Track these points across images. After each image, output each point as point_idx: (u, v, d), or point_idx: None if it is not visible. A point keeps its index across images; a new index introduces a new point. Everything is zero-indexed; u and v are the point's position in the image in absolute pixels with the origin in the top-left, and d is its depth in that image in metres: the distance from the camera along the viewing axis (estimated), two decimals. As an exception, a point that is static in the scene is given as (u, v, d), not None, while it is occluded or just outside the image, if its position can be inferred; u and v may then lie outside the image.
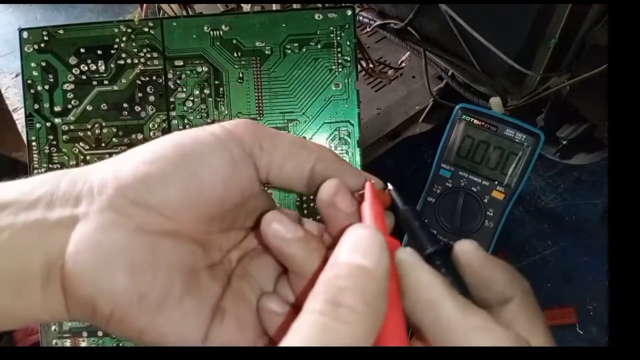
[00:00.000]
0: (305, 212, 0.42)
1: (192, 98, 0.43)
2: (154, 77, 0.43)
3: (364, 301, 0.17)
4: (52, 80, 0.43)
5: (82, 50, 0.43)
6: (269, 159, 0.23)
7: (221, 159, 0.22)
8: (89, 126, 0.43)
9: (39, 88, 0.43)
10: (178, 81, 0.43)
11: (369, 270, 0.18)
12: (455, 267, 0.22)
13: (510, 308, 0.20)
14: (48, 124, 0.43)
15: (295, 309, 0.23)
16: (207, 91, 0.43)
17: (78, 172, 0.22)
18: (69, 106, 0.43)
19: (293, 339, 0.17)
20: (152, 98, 0.43)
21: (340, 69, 0.42)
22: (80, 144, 0.43)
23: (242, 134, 0.23)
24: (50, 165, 0.44)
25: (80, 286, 0.20)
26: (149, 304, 0.20)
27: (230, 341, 0.23)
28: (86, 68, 0.43)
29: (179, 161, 0.22)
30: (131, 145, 0.43)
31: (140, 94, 0.43)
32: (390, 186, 0.25)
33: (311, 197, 0.25)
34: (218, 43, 0.43)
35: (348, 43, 0.42)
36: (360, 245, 0.19)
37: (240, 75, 0.43)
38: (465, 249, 0.22)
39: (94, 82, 0.43)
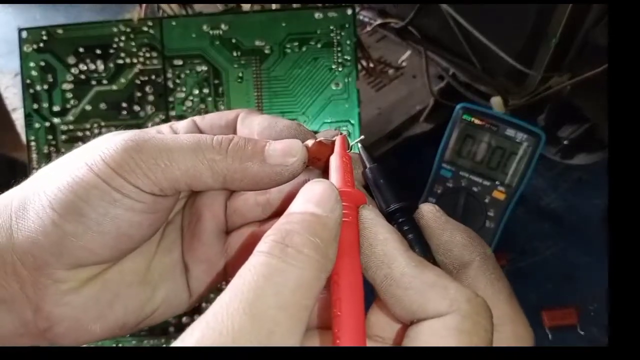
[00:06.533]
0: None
1: (191, 98, 0.43)
2: (153, 77, 0.43)
3: (312, 244, 0.17)
4: (51, 80, 0.43)
5: (81, 49, 0.43)
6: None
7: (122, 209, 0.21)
8: (88, 126, 0.43)
9: (38, 88, 0.43)
10: (177, 81, 0.43)
11: (321, 217, 0.18)
12: (417, 227, 0.22)
13: (469, 272, 0.20)
14: (47, 124, 0.43)
15: None
16: (206, 90, 0.43)
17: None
18: (68, 106, 0.43)
19: (240, 280, 0.17)
20: (151, 98, 0.43)
21: (340, 69, 0.42)
22: (80, 144, 0.43)
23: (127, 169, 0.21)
24: (49, 165, 0.43)
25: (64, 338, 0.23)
26: (133, 316, 0.24)
27: (207, 283, 0.26)
28: (85, 68, 0.43)
29: (82, 221, 0.21)
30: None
31: (139, 94, 0.43)
32: (359, 145, 0.25)
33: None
34: (217, 42, 0.42)
35: (348, 42, 0.42)
36: (314, 196, 0.19)
37: (240, 74, 0.43)
38: (426, 211, 0.22)
39: (93, 82, 0.43)
